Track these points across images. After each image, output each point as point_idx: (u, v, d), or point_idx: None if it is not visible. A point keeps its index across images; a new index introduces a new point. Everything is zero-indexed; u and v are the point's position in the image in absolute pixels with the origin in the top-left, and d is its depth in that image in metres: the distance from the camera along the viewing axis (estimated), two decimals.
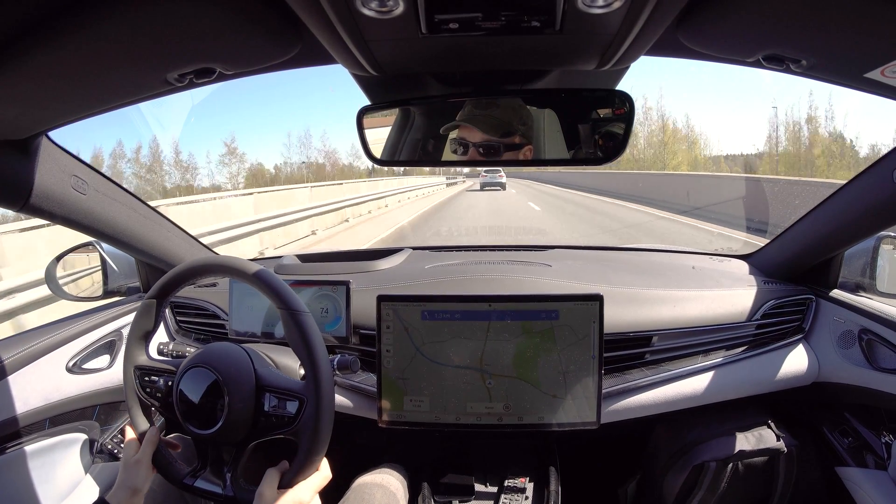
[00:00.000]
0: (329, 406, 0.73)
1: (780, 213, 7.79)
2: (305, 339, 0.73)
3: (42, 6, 0.48)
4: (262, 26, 0.58)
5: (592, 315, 0.93)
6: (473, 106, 0.78)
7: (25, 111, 0.67)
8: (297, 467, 0.72)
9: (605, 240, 7.58)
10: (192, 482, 0.77)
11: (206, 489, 0.76)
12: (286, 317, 0.74)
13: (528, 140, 0.79)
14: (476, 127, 0.78)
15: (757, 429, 1.07)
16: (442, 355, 0.95)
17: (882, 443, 1.01)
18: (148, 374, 0.81)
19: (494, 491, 1.01)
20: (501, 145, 0.78)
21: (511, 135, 0.78)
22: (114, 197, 0.98)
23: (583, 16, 0.52)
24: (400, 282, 1.20)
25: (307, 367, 0.73)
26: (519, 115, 0.78)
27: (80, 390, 1.06)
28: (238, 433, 0.74)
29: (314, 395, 0.72)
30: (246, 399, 0.73)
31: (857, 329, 1.04)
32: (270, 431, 0.74)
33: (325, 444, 0.73)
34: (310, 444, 0.71)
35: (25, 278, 3.72)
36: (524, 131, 0.78)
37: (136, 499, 0.75)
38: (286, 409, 0.73)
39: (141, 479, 0.76)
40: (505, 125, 0.78)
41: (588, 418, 0.94)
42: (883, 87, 0.61)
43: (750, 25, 0.56)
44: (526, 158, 0.80)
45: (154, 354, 0.87)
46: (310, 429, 0.71)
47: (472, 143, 0.78)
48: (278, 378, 0.77)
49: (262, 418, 0.74)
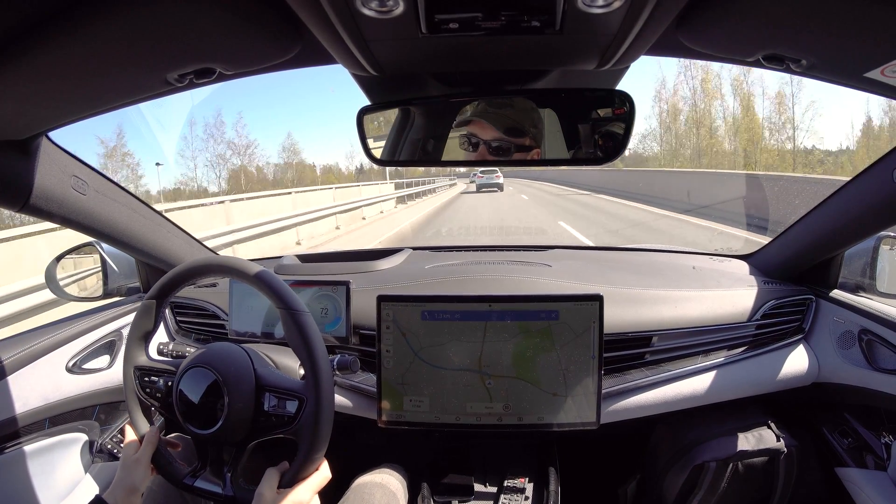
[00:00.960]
0: (329, 405, 0.73)
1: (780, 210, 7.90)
2: (305, 338, 0.73)
3: (42, 6, 0.48)
4: (262, 26, 0.58)
5: (592, 315, 0.93)
6: (487, 104, 0.78)
7: (25, 111, 0.67)
8: (297, 467, 0.72)
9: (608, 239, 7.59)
10: (192, 482, 0.77)
11: (205, 489, 0.76)
12: (286, 316, 0.74)
13: (536, 143, 0.78)
14: (490, 123, 0.77)
15: (757, 429, 1.07)
16: (441, 356, 0.95)
17: (882, 443, 1.00)
18: (148, 375, 0.81)
19: (494, 491, 1.01)
20: (513, 145, 0.78)
21: (523, 136, 0.78)
22: (114, 197, 0.98)
23: (583, 16, 0.52)
24: (400, 282, 1.20)
25: (307, 367, 0.73)
26: (531, 117, 0.78)
27: (79, 390, 1.06)
28: (238, 433, 0.74)
29: (314, 395, 0.72)
30: (246, 399, 0.73)
31: (857, 329, 1.04)
32: (270, 431, 0.74)
33: (324, 444, 0.73)
34: (310, 444, 0.71)
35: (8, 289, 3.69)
36: (535, 134, 0.78)
37: (134, 498, 0.75)
38: (286, 408, 0.73)
39: (139, 478, 0.76)
40: (518, 126, 0.78)
41: (588, 418, 0.94)
42: (883, 86, 0.61)
43: (750, 25, 0.56)
44: (531, 159, 0.79)
45: (154, 354, 0.87)
46: (310, 428, 0.71)
47: (482, 140, 0.77)
48: (278, 378, 0.77)
49: (261, 418, 0.74)
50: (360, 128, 0.82)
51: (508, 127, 0.77)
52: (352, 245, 8.88)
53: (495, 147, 0.77)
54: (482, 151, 0.78)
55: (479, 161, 0.79)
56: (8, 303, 3.65)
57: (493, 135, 0.77)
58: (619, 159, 0.80)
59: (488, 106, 0.78)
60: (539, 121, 0.78)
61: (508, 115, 0.78)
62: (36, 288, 3.69)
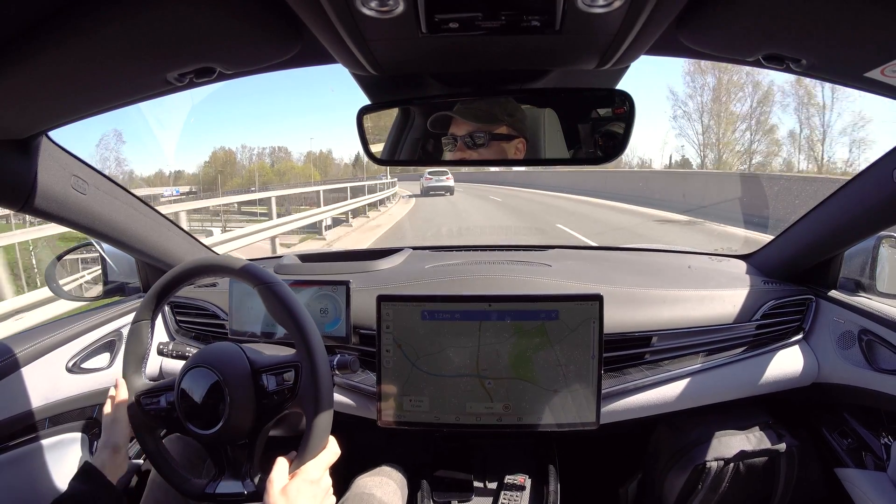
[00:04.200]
0: (324, 366, 0.73)
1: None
2: (286, 306, 0.74)
3: (42, 6, 0.48)
4: (262, 26, 0.58)
5: (592, 315, 0.93)
6: (459, 104, 0.78)
7: (25, 111, 0.67)
8: (306, 441, 0.71)
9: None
10: (214, 489, 0.77)
11: (229, 493, 0.76)
12: (262, 292, 0.75)
13: (518, 132, 0.78)
14: (460, 118, 0.77)
15: (758, 429, 1.07)
16: (441, 355, 0.95)
17: (881, 444, 1.00)
18: (148, 397, 0.81)
19: (494, 491, 1.01)
20: (487, 133, 0.77)
21: (497, 122, 0.77)
22: (114, 196, 0.98)
23: (583, 15, 0.52)
24: (400, 282, 1.20)
25: (294, 333, 0.74)
26: (504, 106, 0.78)
27: (79, 390, 1.06)
28: (245, 423, 0.74)
29: (307, 359, 0.72)
30: (246, 391, 0.74)
31: (857, 329, 1.04)
32: (275, 411, 0.75)
33: (328, 406, 0.72)
34: (314, 409, 0.71)
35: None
36: (511, 122, 0.77)
37: (118, 457, 0.78)
38: (284, 381, 0.74)
39: (121, 436, 0.79)
40: (487, 114, 0.77)
41: (587, 419, 0.94)
42: (883, 86, 0.61)
43: (750, 25, 0.56)
44: (519, 156, 0.78)
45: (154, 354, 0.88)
46: (310, 391, 0.72)
47: (458, 137, 0.77)
48: (270, 358, 0.78)
49: (264, 401, 0.75)
50: (360, 127, 0.82)
51: (478, 116, 0.77)
52: None
53: (472, 140, 0.77)
54: (461, 148, 0.77)
55: (466, 161, 0.78)
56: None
57: (466, 129, 0.77)
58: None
59: (461, 105, 0.78)
60: (516, 110, 0.78)
61: (479, 105, 0.78)
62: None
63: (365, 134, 0.82)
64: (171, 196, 15.11)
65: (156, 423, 0.81)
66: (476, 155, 0.78)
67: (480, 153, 0.78)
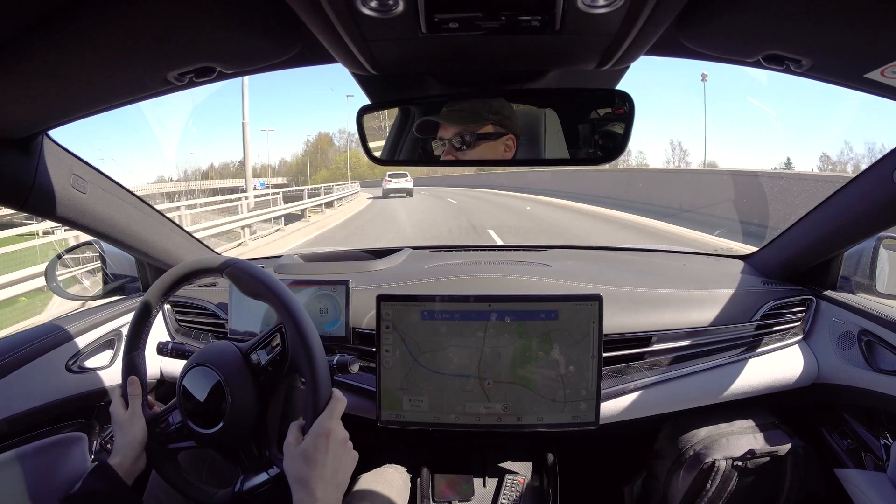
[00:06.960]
0: (305, 320, 0.73)
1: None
2: (253, 277, 0.75)
3: (42, 6, 0.48)
4: (262, 26, 0.58)
5: (592, 315, 0.93)
6: (446, 107, 0.78)
7: (25, 110, 0.67)
8: (310, 397, 0.71)
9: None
10: (244, 486, 0.76)
11: (258, 483, 0.76)
12: (230, 273, 0.77)
13: (505, 129, 0.77)
14: (445, 122, 0.77)
15: (765, 429, 1.07)
16: (441, 355, 0.95)
17: (881, 444, 1.00)
18: (157, 423, 0.81)
19: (493, 490, 1.01)
20: (472, 133, 0.77)
21: (480, 122, 0.77)
22: (114, 195, 0.98)
23: (583, 15, 0.52)
24: (400, 281, 1.20)
25: (271, 300, 0.74)
26: (488, 105, 0.77)
27: (79, 389, 1.06)
28: (249, 414, 0.74)
29: (287, 317, 0.72)
30: (241, 375, 0.75)
31: (857, 330, 1.03)
32: (275, 383, 0.75)
33: (322, 356, 0.72)
34: (308, 362, 0.71)
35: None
36: (497, 120, 0.77)
37: (141, 460, 0.77)
38: (273, 349, 0.75)
39: (139, 433, 0.78)
40: (470, 115, 0.77)
41: (587, 419, 0.94)
42: (883, 87, 0.61)
43: (750, 25, 0.56)
44: (509, 153, 0.78)
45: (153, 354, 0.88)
46: (300, 347, 0.72)
47: (446, 140, 0.78)
48: (254, 336, 0.79)
49: (261, 378, 0.75)
50: (360, 127, 0.82)
51: (461, 118, 0.77)
52: None
53: (459, 141, 0.77)
54: (450, 150, 0.77)
55: (460, 161, 0.78)
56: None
57: (453, 130, 0.77)
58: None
59: (446, 108, 0.78)
60: (503, 107, 0.77)
61: (463, 107, 0.77)
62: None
63: (365, 134, 0.82)
64: (256, 189, 14.85)
65: (172, 442, 0.81)
66: (469, 155, 0.77)
67: (471, 153, 0.77)
